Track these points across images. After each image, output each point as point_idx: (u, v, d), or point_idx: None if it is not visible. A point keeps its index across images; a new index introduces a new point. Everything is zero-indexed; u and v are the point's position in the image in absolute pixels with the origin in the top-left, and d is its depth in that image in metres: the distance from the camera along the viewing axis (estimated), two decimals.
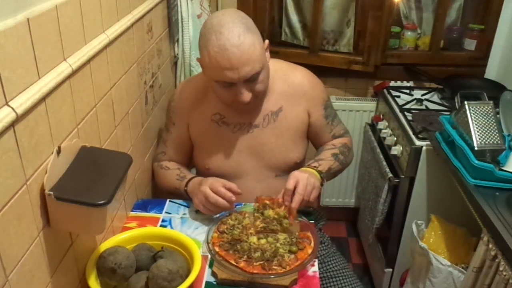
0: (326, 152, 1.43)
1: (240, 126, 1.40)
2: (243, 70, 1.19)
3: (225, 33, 1.17)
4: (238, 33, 1.17)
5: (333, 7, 2.28)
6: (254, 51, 1.19)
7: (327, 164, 1.38)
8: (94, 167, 0.92)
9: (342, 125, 1.53)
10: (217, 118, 1.41)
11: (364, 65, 2.28)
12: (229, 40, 1.17)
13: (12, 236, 0.74)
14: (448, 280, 1.57)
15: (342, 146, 1.46)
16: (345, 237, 2.59)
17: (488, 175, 1.37)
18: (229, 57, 1.17)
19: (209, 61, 1.20)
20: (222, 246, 1.18)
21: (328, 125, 1.47)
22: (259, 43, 1.23)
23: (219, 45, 1.17)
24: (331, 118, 1.47)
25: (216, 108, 1.40)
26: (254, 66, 1.20)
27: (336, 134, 1.49)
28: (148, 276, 1.02)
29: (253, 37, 1.20)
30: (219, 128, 1.41)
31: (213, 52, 1.18)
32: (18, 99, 0.73)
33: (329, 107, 1.46)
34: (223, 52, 1.17)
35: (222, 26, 1.18)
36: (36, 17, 0.77)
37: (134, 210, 1.39)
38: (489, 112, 1.44)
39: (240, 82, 1.22)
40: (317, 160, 1.39)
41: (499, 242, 1.19)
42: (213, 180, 1.30)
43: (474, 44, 2.31)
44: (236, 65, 1.18)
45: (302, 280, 1.12)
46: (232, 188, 1.27)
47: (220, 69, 1.19)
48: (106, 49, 1.09)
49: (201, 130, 1.43)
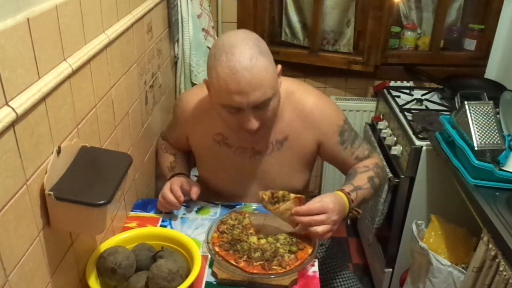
0: (362, 175, 1.28)
1: (242, 150, 1.34)
2: (253, 96, 1.10)
3: (236, 54, 1.09)
4: (250, 55, 1.09)
5: (333, 7, 2.29)
6: (266, 75, 1.11)
7: (363, 195, 1.25)
8: (94, 167, 0.92)
9: (365, 145, 1.38)
10: (219, 138, 1.34)
11: (364, 65, 2.28)
12: (240, 62, 1.08)
13: (12, 236, 0.74)
14: (448, 280, 1.57)
15: (375, 166, 1.34)
16: (345, 237, 2.59)
17: (488, 175, 1.37)
18: (239, 80, 1.08)
19: (217, 83, 1.12)
20: (222, 246, 1.18)
21: (346, 150, 1.34)
22: (272, 68, 1.15)
23: (229, 67, 1.08)
24: (349, 142, 1.34)
25: (219, 128, 1.32)
26: (265, 92, 1.12)
27: (360, 156, 1.35)
28: (148, 276, 1.02)
29: (266, 61, 1.12)
30: (220, 148, 1.35)
31: (223, 74, 1.10)
32: (18, 99, 0.73)
33: (346, 131, 1.33)
34: (233, 75, 1.08)
35: (233, 46, 1.10)
36: (36, 17, 0.77)
37: (134, 210, 1.39)
38: (489, 112, 1.44)
39: (248, 108, 1.13)
40: (355, 189, 1.23)
41: (499, 242, 1.19)
42: (179, 180, 1.35)
43: (474, 44, 2.31)
44: (246, 89, 1.09)
45: (302, 280, 1.12)
46: (188, 192, 1.33)
47: (228, 93, 1.11)
48: (106, 49, 1.09)
49: (202, 146, 1.40)
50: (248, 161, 1.35)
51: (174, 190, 1.32)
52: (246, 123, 1.16)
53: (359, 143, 1.37)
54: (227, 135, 1.33)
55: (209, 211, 1.39)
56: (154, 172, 1.61)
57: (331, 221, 1.12)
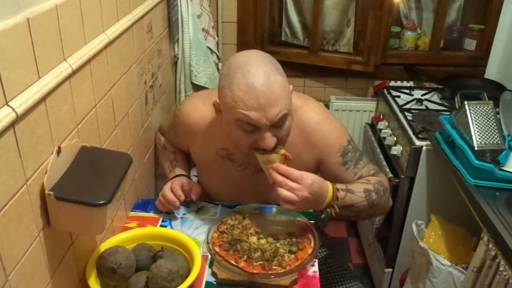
0: (359, 185, 1.24)
1: (245, 166, 1.32)
2: (271, 112, 1.08)
3: (252, 71, 1.07)
4: (267, 71, 1.08)
5: (333, 7, 2.29)
6: (283, 92, 1.09)
7: (352, 200, 1.19)
8: (94, 167, 0.92)
9: (371, 165, 1.33)
10: (223, 153, 1.32)
11: (364, 65, 2.28)
12: (257, 78, 1.06)
13: (12, 236, 0.74)
14: (448, 280, 1.57)
15: (378, 183, 1.27)
16: (345, 237, 2.59)
17: (488, 175, 1.37)
18: (257, 96, 1.06)
19: (232, 101, 1.08)
20: (222, 246, 1.18)
21: (348, 170, 1.29)
22: (287, 86, 1.13)
23: (247, 84, 1.06)
24: (352, 163, 1.29)
25: (224, 143, 1.30)
26: (282, 108, 1.09)
27: (364, 175, 1.30)
28: (148, 276, 1.02)
29: (282, 78, 1.11)
30: (223, 162, 1.33)
31: (239, 91, 1.07)
32: (18, 99, 0.73)
33: (349, 152, 1.29)
34: (251, 91, 1.06)
35: (249, 64, 1.09)
36: (36, 17, 0.77)
37: (134, 210, 1.39)
38: (489, 112, 1.44)
39: (266, 126, 1.10)
40: (347, 190, 1.19)
41: (499, 242, 1.19)
42: (180, 181, 1.35)
43: (474, 44, 2.31)
44: (264, 105, 1.06)
45: (302, 280, 1.12)
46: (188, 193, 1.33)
47: (246, 110, 1.07)
48: (106, 49, 1.09)
49: (204, 158, 1.38)
50: (251, 177, 1.33)
51: (175, 189, 1.32)
52: (262, 141, 1.12)
53: (364, 163, 1.32)
54: (232, 150, 1.31)
55: (209, 211, 1.39)
56: (154, 172, 1.61)
57: (301, 195, 1.08)
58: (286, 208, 1.10)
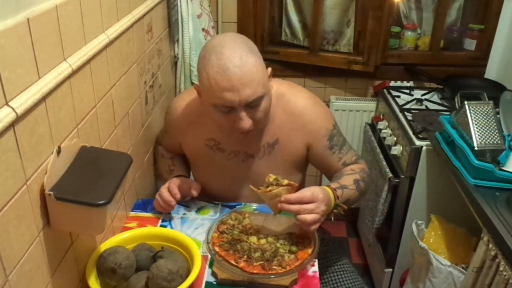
0: (348, 177, 1.29)
1: (235, 154, 1.35)
2: (244, 93, 1.11)
3: (226, 53, 1.10)
4: (240, 53, 1.11)
5: (333, 7, 2.28)
6: (256, 73, 1.12)
7: (348, 195, 1.25)
8: (94, 167, 0.92)
9: (353, 151, 1.39)
10: (211, 143, 1.35)
11: (364, 65, 2.28)
12: (230, 60, 1.10)
13: (12, 236, 0.74)
14: (448, 280, 1.57)
15: (362, 171, 1.34)
16: (345, 237, 2.59)
17: (488, 175, 1.37)
18: (230, 77, 1.09)
19: (208, 83, 1.13)
20: (222, 246, 1.18)
21: (334, 154, 1.34)
22: (262, 67, 1.16)
23: (220, 65, 1.10)
24: (338, 147, 1.35)
25: (211, 133, 1.33)
26: (256, 90, 1.12)
27: (348, 162, 1.36)
28: (148, 276, 1.02)
29: (256, 59, 1.13)
30: (213, 153, 1.36)
31: (213, 73, 1.10)
32: (18, 99, 0.73)
33: (335, 136, 1.34)
34: (224, 72, 1.09)
35: (223, 46, 1.12)
36: (36, 17, 0.77)
37: (134, 210, 1.39)
38: (489, 112, 1.44)
39: (240, 106, 1.13)
40: (341, 187, 1.24)
41: (499, 242, 1.19)
42: (178, 180, 1.35)
43: (474, 44, 2.31)
44: (237, 86, 1.10)
45: (302, 280, 1.12)
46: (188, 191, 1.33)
47: (219, 91, 1.11)
48: (106, 49, 1.09)
49: (195, 152, 1.41)
50: (241, 165, 1.36)
51: (171, 188, 1.32)
52: (238, 122, 1.15)
53: (347, 149, 1.37)
54: (219, 140, 1.34)
55: (209, 211, 1.39)
56: (154, 172, 1.61)
57: (320, 211, 1.12)
58: (313, 228, 1.13)
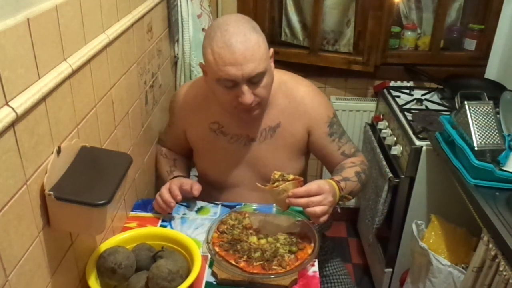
0: (349, 170, 1.32)
1: (237, 137, 1.38)
2: (247, 67, 1.15)
3: (230, 30, 1.16)
4: (244, 31, 1.16)
5: (333, 7, 2.28)
6: (259, 49, 1.17)
7: (351, 187, 1.27)
8: (94, 167, 0.92)
9: (351, 143, 1.43)
10: (215, 127, 1.39)
11: (364, 65, 2.28)
12: (234, 36, 1.15)
13: (12, 236, 0.74)
14: (448, 280, 1.57)
15: (362, 163, 1.37)
16: (345, 237, 2.59)
17: (488, 175, 1.37)
18: (233, 52, 1.14)
19: (212, 58, 1.17)
20: (222, 246, 1.18)
21: (334, 142, 1.38)
22: (265, 45, 1.20)
23: (224, 41, 1.15)
24: (337, 135, 1.38)
25: (215, 117, 1.38)
26: (259, 65, 1.17)
27: (347, 152, 1.39)
28: (148, 276, 1.02)
29: (259, 37, 1.19)
30: (216, 137, 1.39)
31: (217, 48, 1.15)
32: (18, 99, 0.73)
33: (334, 124, 1.38)
34: (228, 47, 1.14)
35: (228, 24, 1.17)
36: (36, 17, 0.77)
37: (134, 210, 1.39)
38: (489, 112, 1.44)
39: (243, 81, 1.17)
40: (344, 179, 1.27)
41: (499, 242, 1.19)
42: (178, 181, 1.35)
43: (474, 44, 2.31)
44: (240, 60, 1.15)
45: (302, 280, 1.12)
46: (188, 192, 1.33)
47: (223, 65, 1.15)
48: (106, 49, 1.09)
49: (199, 136, 1.43)
50: (243, 148, 1.38)
51: (172, 189, 1.32)
52: (242, 97, 1.19)
53: (346, 139, 1.41)
54: (222, 123, 1.38)
55: (209, 211, 1.39)
56: (154, 172, 1.61)
57: (328, 202, 1.14)
58: (323, 220, 1.15)
